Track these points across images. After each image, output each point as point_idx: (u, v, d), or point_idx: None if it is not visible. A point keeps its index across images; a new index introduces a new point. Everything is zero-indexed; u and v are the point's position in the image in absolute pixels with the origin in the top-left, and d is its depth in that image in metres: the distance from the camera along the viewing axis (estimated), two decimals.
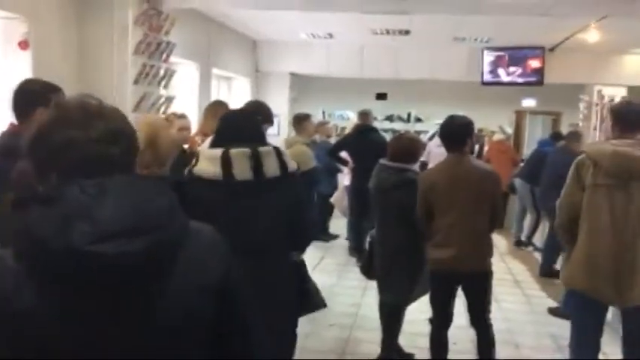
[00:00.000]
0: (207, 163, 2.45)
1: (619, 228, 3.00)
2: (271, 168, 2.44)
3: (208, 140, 3.01)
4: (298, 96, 11.19)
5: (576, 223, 3.10)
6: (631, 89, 9.09)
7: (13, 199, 1.04)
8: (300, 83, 11.33)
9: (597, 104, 9.38)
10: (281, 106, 10.08)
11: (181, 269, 1.09)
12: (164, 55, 5.76)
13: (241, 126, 2.58)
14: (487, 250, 3.54)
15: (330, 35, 9.57)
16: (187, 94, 7.54)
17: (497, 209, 3.56)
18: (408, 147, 3.54)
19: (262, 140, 2.53)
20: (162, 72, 5.74)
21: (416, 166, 4.20)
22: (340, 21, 8.20)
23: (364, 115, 7.33)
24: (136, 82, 5.33)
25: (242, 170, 2.40)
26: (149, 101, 5.51)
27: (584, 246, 3.08)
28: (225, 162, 2.38)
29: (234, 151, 2.41)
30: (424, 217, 3.51)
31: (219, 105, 4.46)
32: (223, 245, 1.21)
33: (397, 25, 8.39)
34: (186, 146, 4.10)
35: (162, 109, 5.74)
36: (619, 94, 9.55)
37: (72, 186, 1.03)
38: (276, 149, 2.50)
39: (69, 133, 1.09)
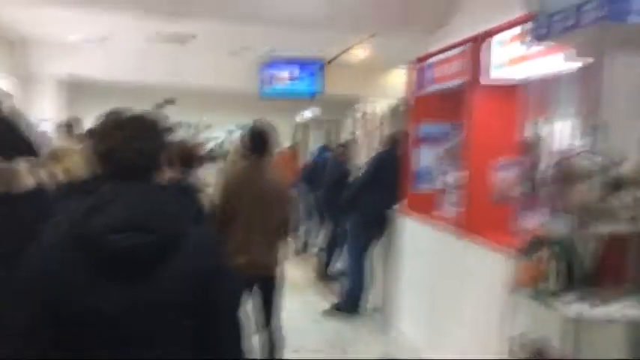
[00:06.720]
0: None
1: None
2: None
3: None
4: (72, 101, 10.37)
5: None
6: (396, 102, 10.04)
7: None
8: (75, 88, 10.53)
9: (368, 116, 10.21)
10: (51, 112, 9.27)
11: (178, 260, 1.43)
12: None
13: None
14: (279, 255, 3.71)
15: (107, 37, 9.04)
16: None
17: (289, 217, 3.75)
18: (184, 153, 3.47)
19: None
20: None
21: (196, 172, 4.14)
22: (118, 22, 7.76)
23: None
24: None
25: None
26: None
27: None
28: None
29: None
30: (222, 221, 3.51)
31: None
32: (214, 247, 1.63)
33: (179, 30, 8.22)
34: None
35: None
36: (386, 106, 10.53)
37: (104, 185, 1.43)
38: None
39: (105, 144, 1.47)
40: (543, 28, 2.50)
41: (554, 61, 2.95)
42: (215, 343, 1.56)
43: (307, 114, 12.34)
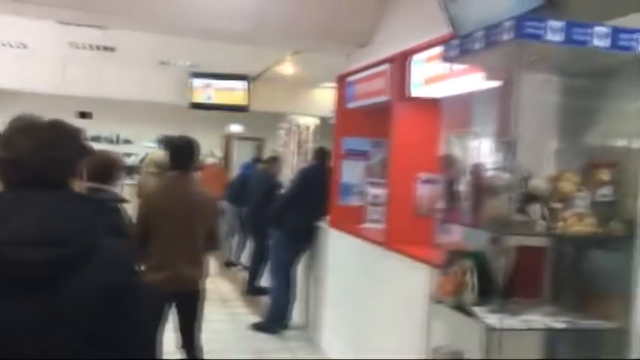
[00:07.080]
0: None
1: None
2: None
3: None
4: None
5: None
6: (321, 119, 10.15)
7: None
8: None
9: (294, 132, 10.25)
10: None
11: (90, 273, 1.35)
12: None
13: None
14: (203, 271, 3.62)
15: (24, 45, 8.65)
16: None
17: (215, 232, 3.67)
18: (101, 165, 3.31)
19: None
20: None
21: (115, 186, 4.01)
22: (35, 30, 7.45)
23: None
24: None
25: None
26: None
27: None
28: None
29: None
30: (142, 237, 3.41)
31: None
32: (128, 261, 1.53)
33: (100, 40, 7.99)
34: None
35: None
36: (312, 123, 10.62)
37: (7, 194, 1.35)
38: None
39: (13, 151, 1.36)
40: (454, 50, 2.58)
41: (475, 80, 3.06)
42: (125, 358, 1.49)
43: (235, 128, 12.24)
